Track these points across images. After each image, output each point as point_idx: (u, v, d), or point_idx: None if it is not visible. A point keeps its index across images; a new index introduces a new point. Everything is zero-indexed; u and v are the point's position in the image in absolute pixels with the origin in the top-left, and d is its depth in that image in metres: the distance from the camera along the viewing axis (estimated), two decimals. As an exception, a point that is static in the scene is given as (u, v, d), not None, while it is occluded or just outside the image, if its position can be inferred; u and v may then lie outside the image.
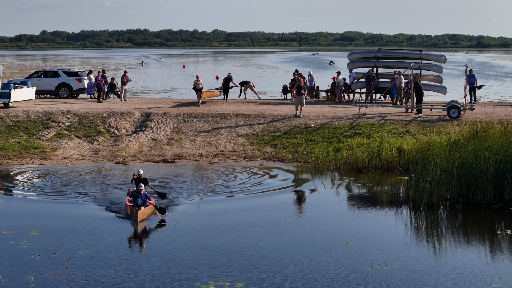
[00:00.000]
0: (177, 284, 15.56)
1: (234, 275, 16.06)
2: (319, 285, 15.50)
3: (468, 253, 18.60)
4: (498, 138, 25.14)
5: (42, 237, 19.38)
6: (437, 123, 33.73)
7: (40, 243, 18.75)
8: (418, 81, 37.10)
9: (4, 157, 31.57)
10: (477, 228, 21.30)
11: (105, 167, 30.11)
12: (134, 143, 33.91)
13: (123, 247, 18.64)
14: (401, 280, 15.93)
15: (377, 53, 43.50)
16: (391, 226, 21.15)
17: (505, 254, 18.33)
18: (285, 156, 31.38)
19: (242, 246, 18.72)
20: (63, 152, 32.74)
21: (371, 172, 28.50)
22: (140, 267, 16.67)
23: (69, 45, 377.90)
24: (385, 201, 24.62)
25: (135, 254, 18.28)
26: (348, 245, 18.77)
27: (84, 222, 21.11)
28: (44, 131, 35.30)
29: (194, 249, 18.17)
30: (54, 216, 22.02)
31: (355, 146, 30.57)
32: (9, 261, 17.29)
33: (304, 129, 34.20)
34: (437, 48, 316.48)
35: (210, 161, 31.00)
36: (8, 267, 16.75)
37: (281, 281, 15.82)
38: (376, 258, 17.40)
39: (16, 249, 18.16)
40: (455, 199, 23.48)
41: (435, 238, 20.05)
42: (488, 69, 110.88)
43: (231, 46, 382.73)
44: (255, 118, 36.19)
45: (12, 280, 15.78)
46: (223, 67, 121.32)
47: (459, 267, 17.05)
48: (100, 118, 36.65)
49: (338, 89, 43.09)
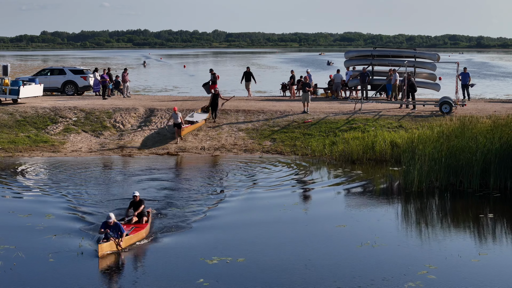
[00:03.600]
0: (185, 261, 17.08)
1: (235, 251, 17.58)
2: (314, 260, 17.00)
3: (452, 233, 20.10)
4: (484, 131, 26.58)
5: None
6: (430, 118, 35.19)
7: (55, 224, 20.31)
8: (411, 78, 38.58)
9: (15, 150, 33.07)
10: (462, 213, 22.83)
11: (112, 159, 31.61)
12: (139, 137, 35.40)
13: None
14: (388, 256, 17.44)
15: (373, 52, 44.99)
16: (381, 211, 22.66)
17: (485, 234, 19.88)
18: (284, 149, 32.87)
19: (247, 224, 20.26)
20: (71, 146, 34.23)
21: (365, 164, 29.99)
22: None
23: (69, 46, 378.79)
24: (377, 189, 26.10)
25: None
26: (341, 227, 20.35)
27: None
28: (52, 125, 36.76)
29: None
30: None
31: (350, 139, 32.03)
32: (27, 239, 18.82)
33: (302, 123, 35.68)
34: (437, 48, 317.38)
35: (212, 154, 32.49)
36: (27, 244, 18.29)
37: (280, 256, 17.31)
38: (366, 237, 18.92)
39: (34, 229, 19.74)
40: (443, 187, 24.97)
41: (422, 221, 21.56)
42: (486, 69, 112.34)
43: (231, 46, 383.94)
44: (255, 114, 37.67)
45: (33, 256, 17.26)
46: (223, 67, 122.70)
47: (442, 245, 18.51)
48: (106, 114, 38.12)
49: (335, 85, 44.57)
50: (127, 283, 15.67)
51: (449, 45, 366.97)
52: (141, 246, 18.38)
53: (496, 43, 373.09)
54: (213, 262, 16.76)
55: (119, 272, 16.73)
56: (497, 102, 43.01)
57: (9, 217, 21.63)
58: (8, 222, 20.98)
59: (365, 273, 16.05)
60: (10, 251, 17.66)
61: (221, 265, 16.56)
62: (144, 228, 19.14)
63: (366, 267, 16.45)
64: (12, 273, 16.09)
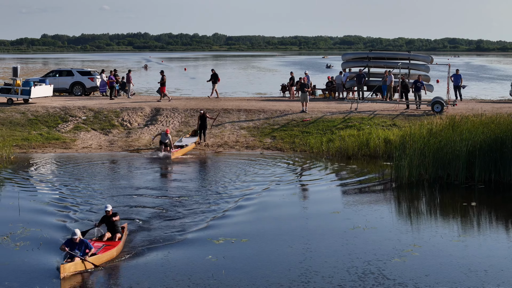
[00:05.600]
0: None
1: (240, 233, 19.49)
2: (311, 239, 18.86)
3: (437, 219, 22.01)
4: (471, 127, 28.42)
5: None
6: (422, 117, 37.02)
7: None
8: (404, 80, 40.51)
9: (29, 147, 34.93)
10: (448, 202, 24.71)
11: (121, 155, 33.48)
12: (146, 134, 37.26)
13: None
14: (378, 238, 19.27)
15: (369, 54, 46.89)
16: (373, 200, 24.53)
17: (467, 220, 21.86)
18: (283, 146, 34.74)
19: (253, 210, 22.15)
20: (81, 143, 36.08)
21: (360, 159, 31.88)
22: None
23: (70, 49, 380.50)
24: (370, 181, 27.93)
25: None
26: (335, 213, 22.27)
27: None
28: (63, 124, 38.63)
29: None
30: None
31: (346, 137, 33.89)
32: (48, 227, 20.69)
33: (301, 122, 37.55)
34: (436, 52, 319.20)
35: (215, 150, 34.35)
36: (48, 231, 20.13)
37: (280, 237, 19.20)
38: (358, 222, 20.84)
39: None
40: (432, 180, 26.83)
41: (411, 209, 23.53)
42: (484, 72, 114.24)
43: (231, 49, 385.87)
44: (255, 113, 39.55)
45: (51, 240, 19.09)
46: (224, 70, 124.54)
47: (427, 229, 20.39)
48: (113, 113, 39.98)
49: (337, 86, 46.48)
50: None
51: (449, 49, 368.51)
52: (115, 263, 17.05)
53: (496, 47, 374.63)
54: (219, 242, 18.63)
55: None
56: (488, 103, 44.88)
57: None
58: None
59: (357, 250, 17.92)
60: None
61: (226, 245, 18.44)
62: (116, 246, 17.45)
63: (358, 246, 18.32)
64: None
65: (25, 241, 18.73)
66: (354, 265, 16.69)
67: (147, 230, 19.93)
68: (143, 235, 19.33)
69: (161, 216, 21.46)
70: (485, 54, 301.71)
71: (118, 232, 18.12)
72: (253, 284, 15.38)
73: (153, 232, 19.73)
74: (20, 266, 16.66)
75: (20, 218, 21.50)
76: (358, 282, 15.50)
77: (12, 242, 18.72)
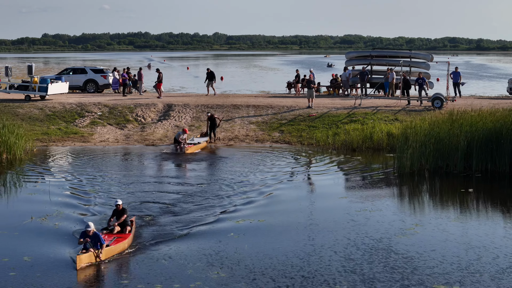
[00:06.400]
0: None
1: (261, 212, 21.44)
2: (321, 220, 20.77)
3: (437, 203, 24.02)
4: (469, 121, 30.28)
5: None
6: (423, 112, 38.89)
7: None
8: (406, 77, 42.43)
9: (49, 141, 36.81)
10: (447, 189, 26.64)
11: (137, 148, 35.38)
12: (160, 129, 39.12)
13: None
14: (382, 219, 21.13)
15: (372, 52, 48.82)
16: (378, 187, 26.42)
17: (465, 204, 23.79)
18: (291, 140, 36.62)
19: (272, 195, 24.06)
20: (99, 137, 37.94)
21: (364, 152, 33.76)
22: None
23: (71, 48, 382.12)
24: (374, 171, 29.79)
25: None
26: (343, 198, 24.18)
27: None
28: (79, 119, 40.49)
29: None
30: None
31: (351, 130, 35.77)
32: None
33: (307, 117, 39.44)
34: (437, 51, 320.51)
35: (226, 144, 36.22)
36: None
37: (292, 219, 21.10)
38: (364, 206, 22.76)
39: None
40: (432, 169, 28.70)
41: (413, 195, 25.50)
42: (484, 71, 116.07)
43: (232, 49, 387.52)
44: (264, 109, 41.43)
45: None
46: (226, 68, 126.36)
47: (428, 212, 22.40)
48: (128, 109, 41.86)
49: (343, 83, 48.37)
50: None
51: (449, 48, 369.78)
52: (122, 256, 17.67)
53: (496, 46, 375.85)
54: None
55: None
56: (486, 99, 46.75)
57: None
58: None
59: (362, 229, 19.81)
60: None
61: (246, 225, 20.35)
62: (127, 239, 18.33)
63: (364, 225, 20.21)
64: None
65: (52, 226, 20.62)
66: (362, 241, 18.58)
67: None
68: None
69: (187, 202, 23.35)
70: (485, 53, 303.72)
71: (127, 225, 19.00)
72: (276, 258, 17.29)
73: (170, 222, 21.62)
74: (38, 255, 17.57)
75: (47, 206, 23.35)
76: (367, 255, 17.37)
77: (42, 225, 20.60)
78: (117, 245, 17.73)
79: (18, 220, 21.10)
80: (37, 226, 20.50)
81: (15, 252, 17.78)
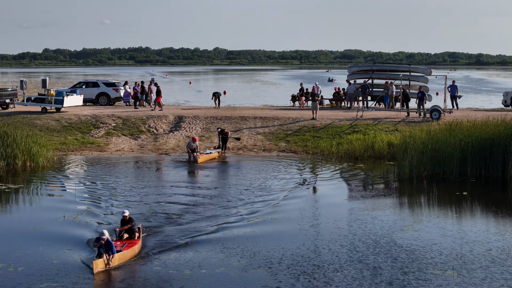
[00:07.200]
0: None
1: (279, 211, 23.57)
2: (328, 220, 22.89)
3: (434, 205, 26.12)
4: (464, 130, 32.40)
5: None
6: (421, 123, 40.98)
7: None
8: (405, 90, 44.66)
9: (68, 150, 38.94)
10: (443, 192, 28.69)
11: (151, 157, 37.50)
12: (172, 139, 41.25)
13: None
14: (383, 218, 23.23)
15: (373, 67, 51.11)
16: (379, 191, 28.50)
17: (460, 204, 25.88)
18: (297, 149, 38.76)
19: (284, 199, 26.15)
20: (114, 146, 40.06)
21: (366, 160, 35.86)
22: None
23: (72, 63, 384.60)
24: (376, 177, 31.86)
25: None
26: (348, 200, 26.45)
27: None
28: (95, 130, 42.61)
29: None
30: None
31: (353, 140, 37.90)
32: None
33: (312, 128, 41.58)
34: (436, 65, 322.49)
35: (235, 153, 38.32)
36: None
37: (302, 217, 23.20)
38: (366, 207, 24.89)
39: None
40: (430, 175, 30.80)
41: (412, 198, 27.61)
42: (482, 85, 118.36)
43: (232, 64, 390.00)
44: (270, 120, 43.59)
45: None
46: (228, 83, 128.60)
47: (425, 211, 24.51)
48: (140, 120, 44.00)
49: (348, 96, 50.58)
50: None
51: (449, 62, 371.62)
52: (134, 260, 18.82)
53: (496, 61, 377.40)
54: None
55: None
56: (482, 111, 48.91)
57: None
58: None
59: (365, 226, 21.90)
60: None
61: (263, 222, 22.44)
62: (137, 244, 19.58)
63: (366, 223, 22.30)
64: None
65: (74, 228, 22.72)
66: (366, 236, 20.69)
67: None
68: (177, 227, 23.17)
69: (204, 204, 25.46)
70: (484, 68, 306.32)
71: (135, 231, 20.25)
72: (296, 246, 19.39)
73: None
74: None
75: (73, 208, 25.48)
76: (371, 247, 19.46)
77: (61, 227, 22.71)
78: (129, 250, 18.96)
79: (48, 221, 23.21)
80: (69, 223, 22.58)
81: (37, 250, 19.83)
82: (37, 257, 18.84)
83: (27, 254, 19.05)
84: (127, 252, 18.88)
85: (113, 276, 17.52)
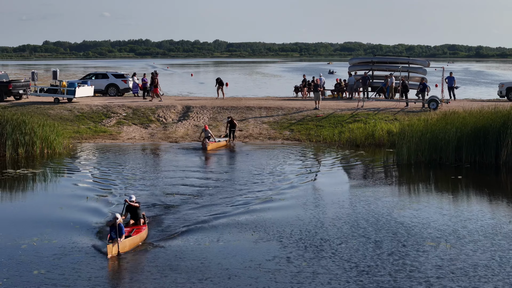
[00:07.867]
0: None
1: (288, 195, 25.41)
2: (333, 201, 24.76)
3: (431, 188, 27.88)
4: (460, 118, 34.21)
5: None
6: (419, 112, 42.81)
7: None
8: (404, 81, 46.47)
9: (81, 138, 40.76)
10: (439, 177, 30.49)
11: (162, 144, 39.33)
12: (181, 128, 43.05)
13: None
14: (383, 201, 25.07)
15: (373, 59, 52.88)
16: (379, 176, 30.30)
17: (454, 187, 27.68)
18: (300, 137, 40.58)
19: (290, 185, 27.96)
20: (126, 135, 41.87)
21: (367, 147, 37.69)
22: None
23: (72, 55, 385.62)
24: (376, 163, 33.69)
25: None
26: (350, 184, 28.36)
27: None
28: (106, 119, 44.41)
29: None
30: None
31: (354, 129, 39.72)
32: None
33: (315, 117, 43.39)
34: (436, 58, 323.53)
35: (242, 141, 40.14)
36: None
37: (309, 198, 25.05)
38: (368, 191, 26.72)
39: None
40: (427, 161, 32.64)
41: (410, 182, 29.40)
42: (481, 77, 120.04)
43: (232, 56, 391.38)
44: (274, 110, 45.41)
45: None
46: (229, 75, 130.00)
47: (422, 194, 26.35)
48: (150, 110, 45.80)
49: (349, 87, 52.37)
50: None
51: (449, 55, 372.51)
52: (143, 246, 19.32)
53: (495, 53, 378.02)
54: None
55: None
56: (478, 101, 50.73)
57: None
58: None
59: (366, 208, 23.74)
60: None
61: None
62: (144, 230, 19.98)
63: (367, 205, 24.12)
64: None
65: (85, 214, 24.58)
66: (368, 214, 22.55)
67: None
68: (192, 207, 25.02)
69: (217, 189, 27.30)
70: (484, 60, 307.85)
71: (140, 218, 20.55)
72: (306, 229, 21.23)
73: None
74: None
75: (87, 192, 27.35)
76: (373, 224, 21.31)
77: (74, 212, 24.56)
78: (138, 235, 19.41)
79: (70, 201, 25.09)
80: (90, 205, 24.43)
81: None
82: (66, 232, 20.73)
83: (55, 231, 20.94)
84: (136, 237, 19.28)
85: (126, 261, 17.97)
